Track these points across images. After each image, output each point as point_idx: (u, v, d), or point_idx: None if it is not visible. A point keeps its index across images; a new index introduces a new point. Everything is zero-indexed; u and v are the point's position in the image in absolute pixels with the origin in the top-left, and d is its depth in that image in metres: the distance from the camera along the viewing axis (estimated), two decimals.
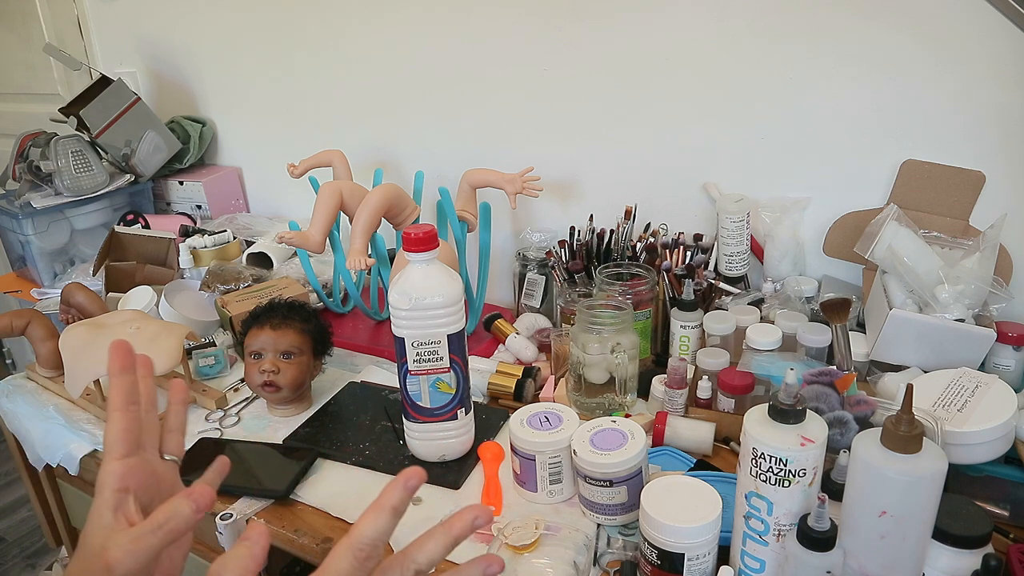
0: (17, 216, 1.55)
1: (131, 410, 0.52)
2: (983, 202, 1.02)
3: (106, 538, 0.47)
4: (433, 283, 0.82)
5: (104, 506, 0.49)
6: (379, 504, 0.47)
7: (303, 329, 1.03)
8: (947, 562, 0.66)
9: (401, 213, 1.10)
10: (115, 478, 0.50)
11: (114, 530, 0.48)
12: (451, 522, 0.47)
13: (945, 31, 0.98)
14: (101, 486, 0.50)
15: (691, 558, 0.66)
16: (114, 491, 0.50)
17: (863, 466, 0.60)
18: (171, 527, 0.46)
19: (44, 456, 1.04)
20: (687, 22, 1.14)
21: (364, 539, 0.46)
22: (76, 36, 1.93)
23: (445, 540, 0.47)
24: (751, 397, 0.93)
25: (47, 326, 1.13)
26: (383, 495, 0.48)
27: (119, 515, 0.49)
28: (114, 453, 0.51)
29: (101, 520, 0.49)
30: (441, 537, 0.47)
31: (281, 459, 0.93)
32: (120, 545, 0.46)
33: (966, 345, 0.93)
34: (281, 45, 1.59)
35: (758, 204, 1.17)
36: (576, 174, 1.33)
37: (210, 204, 1.74)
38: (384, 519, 0.47)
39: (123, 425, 0.52)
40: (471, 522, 0.47)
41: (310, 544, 0.80)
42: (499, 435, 0.96)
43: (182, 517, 0.46)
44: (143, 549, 0.46)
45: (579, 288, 1.16)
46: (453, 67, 1.38)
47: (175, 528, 0.47)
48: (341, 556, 0.46)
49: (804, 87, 1.09)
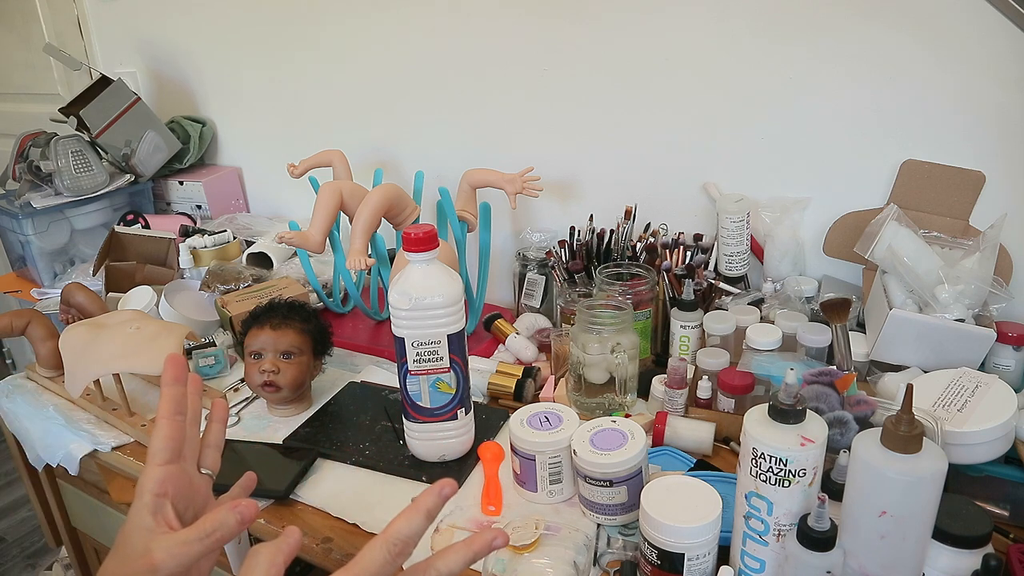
0: (17, 216, 1.55)
1: (177, 420, 0.56)
2: (983, 202, 1.02)
3: (149, 540, 0.50)
4: (433, 283, 0.82)
5: (144, 509, 0.52)
6: (415, 507, 0.52)
7: (303, 329, 1.03)
8: (947, 562, 0.66)
9: (401, 213, 1.10)
10: (156, 483, 0.53)
11: (155, 533, 0.51)
12: (473, 539, 0.52)
13: (945, 31, 0.98)
14: (141, 490, 0.53)
15: (691, 558, 0.66)
16: (154, 495, 0.52)
17: (863, 466, 0.60)
18: (217, 536, 0.50)
19: (44, 456, 1.04)
20: (687, 22, 1.14)
21: (400, 535, 0.50)
22: (76, 36, 1.93)
23: (466, 554, 0.51)
24: (751, 397, 0.93)
25: (47, 326, 1.13)
26: (419, 500, 0.52)
27: (159, 519, 0.52)
28: (156, 459, 0.54)
29: (141, 522, 0.51)
30: (463, 551, 0.51)
31: (281, 459, 0.93)
32: (166, 548, 0.49)
33: (966, 345, 0.93)
34: (281, 45, 1.59)
35: (758, 204, 1.17)
36: (576, 174, 1.33)
37: (210, 204, 1.74)
38: (418, 520, 0.51)
39: (168, 433, 0.55)
40: (490, 543, 0.52)
41: (310, 544, 0.80)
42: (499, 435, 0.96)
43: (227, 528, 0.50)
44: (188, 554, 0.49)
45: (579, 288, 1.16)
46: (453, 67, 1.38)
47: (221, 538, 0.50)
48: (377, 549, 0.50)
49: (804, 87, 1.09)
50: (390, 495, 0.87)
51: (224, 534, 0.50)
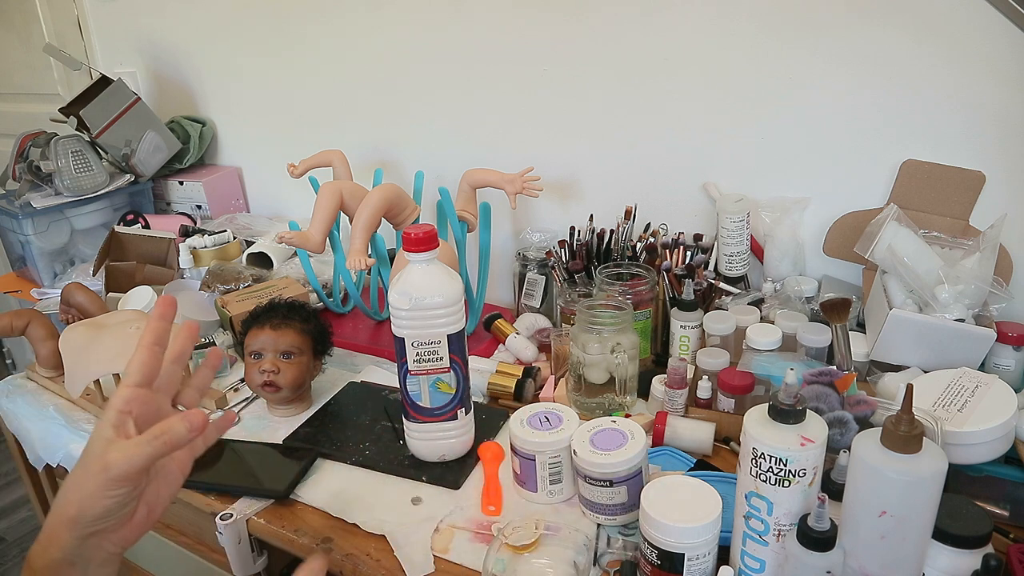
0: (17, 216, 1.55)
1: (155, 350, 0.58)
2: (983, 202, 1.02)
3: (107, 447, 0.54)
4: (433, 283, 0.82)
5: (108, 422, 0.55)
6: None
7: (303, 329, 1.03)
8: (947, 562, 0.66)
9: (401, 213, 1.10)
10: (123, 401, 0.56)
11: (114, 442, 0.54)
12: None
13: (945, 31, 0.98)
14: (108, 406, 0.56)
15: (691, 558, 0.66)
16: (119, 411, 0.56)
17: (863, 466, 0.60)
18: (166, 439, 0.53)
19: (44, 456, 1.04)
20: (687, 22, 1.14)
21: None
22: (76, 36, 1.93)
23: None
24: (751, 397, 0.92)
25: (47, 326, 1.13)
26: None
27: (120, 431, 0.55)
28: (127, 380, 0.57)
29: (103, 433, 0.55)
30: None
31: (281, 459, 0.93)
32: (119, 449, 0.53)
33: (966, 345, 0.93)
34: (282, 45, 1.59)
35: (758, 204, 1.17)
36: (576, 174, 1.33)
37: (210, 204, 1.74)
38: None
39: (143, 359, 0.58)
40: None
41: (310, 544, 0.80)
42: (499, 435, 0.96)
43: (176, 433, 0.53)
44: (139, 455, 0.53)
45: (579, 288, 1.16)
46: (453, 67, 1.38)
47: (169, 441, 0.53)
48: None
49: (804, 87, 1.09)
50: (390, 495, 0.87)
51: (172, 438, 0.53)
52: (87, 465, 0.54)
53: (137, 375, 0.57)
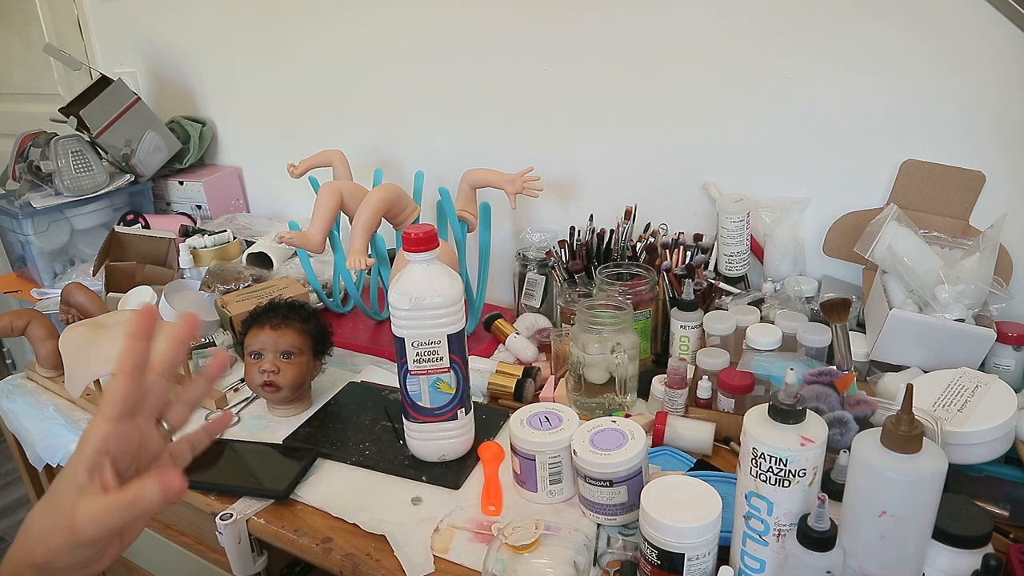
0: (17, 216, 1.55)
1: (135, 376, 0.52)
2: (983, 202, 1.02)
3: (78, 499, 0.49)
4: (433, 283, 0.82)
5: (81, 464, 0.50)
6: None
7: (303, 329, 1.03)
8: (947, 562, 0.66)
9: (401, 213, 1.10)
10: (99, 439, 0.51)
11: (85, 492, 0.49)
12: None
13: (946, 31, 0.98)
14: (83, 442, 0.51)
15: (691, 558, 0.66)
16: (95, 451, 0.50)
17: (863, 466, 0.60)
18: (140, 508, 0.48)
19: (44, 456, 1.04)
20: (687, 22, 1.14)
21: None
22: (76, 36, 1.93)
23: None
24: (751, 397, 0.92)
25: (47, 326, 1.13)
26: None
27: (94, 477, 0.50)
28: (105, 413, 0.51)
29: (75, 476, 0.50)
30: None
31: (281, 459, 0.93)
32: (89, 512, 0.48)
33: (966, 345, 0.93)
34: (282, 45, 1.59)
35: (758, 204, 1.17)
36: (576, 174, 1.33)
37: (210, 204, 1.74)
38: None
39: (122, 389, 0.52)
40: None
41: (310, 544, 0.80)
42: (499, 435, 0.96)
43: (149, 500, 0.48)
44: (110, 521, 0.48)
45: (579, 288, 1.16)
46: (453, 67, 1.38)
47: (144, 509, 0.48)
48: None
49: (804, 87, 1.09)
50: (390, 495, 0.86)
51: (146, 505, 0.48)
52: (54, 517, 0.49)
53: (115, 408, 0.51)
